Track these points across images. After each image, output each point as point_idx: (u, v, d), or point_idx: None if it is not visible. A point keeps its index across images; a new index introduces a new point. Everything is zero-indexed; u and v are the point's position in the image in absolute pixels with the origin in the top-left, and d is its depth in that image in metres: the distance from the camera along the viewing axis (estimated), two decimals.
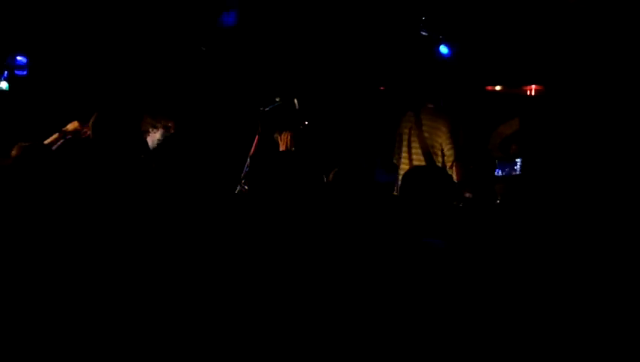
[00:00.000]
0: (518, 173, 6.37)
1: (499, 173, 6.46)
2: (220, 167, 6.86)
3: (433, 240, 3.06)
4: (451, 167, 6.55)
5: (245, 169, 6.33)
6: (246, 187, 6.15)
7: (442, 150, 6.66)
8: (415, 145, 6.75)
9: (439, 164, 6.57)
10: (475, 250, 3.15)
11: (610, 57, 6.74)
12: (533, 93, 7.98)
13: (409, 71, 7.73)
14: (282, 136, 6.13)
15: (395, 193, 6.55)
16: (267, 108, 6.47)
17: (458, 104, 7.30)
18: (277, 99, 6.54)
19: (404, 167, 6.74)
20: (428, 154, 6.65)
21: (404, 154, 6.85)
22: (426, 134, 6.69)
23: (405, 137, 6.86)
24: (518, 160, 6.41)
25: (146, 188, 3.89)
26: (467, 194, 6.64)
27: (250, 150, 6.44)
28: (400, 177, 6.64)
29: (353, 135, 7.91)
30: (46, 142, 5.22)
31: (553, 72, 7.24)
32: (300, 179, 3.24)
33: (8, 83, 7.31)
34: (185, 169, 6.33)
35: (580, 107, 6.98)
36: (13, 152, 4.37)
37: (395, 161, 6.90)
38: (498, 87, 8.17)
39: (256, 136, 6.47)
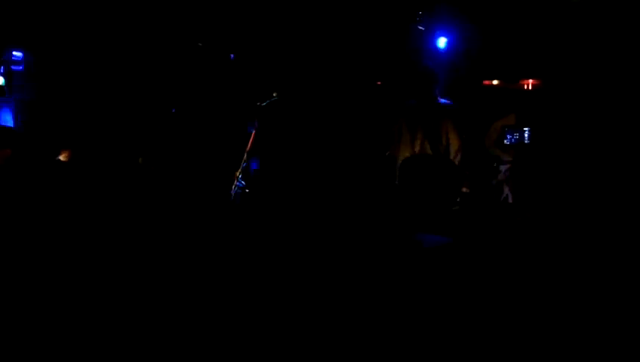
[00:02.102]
0: (527, 141, 6.39)
1: (508, 141, 6.49)
2: (217, 162, 6.86)
3: (434, 237, 3.05)
4: (457, 155, 6.53)
5: (242, 164, 6.33)
6: (243, 182, 6.15)
7: (448, 138, 6.61)
8: (417, 135, 6.68)
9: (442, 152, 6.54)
10: (476, 246, 3.14)
11: (606, 52, 6.74)
12: (530, 88, 7.98)
13: (405, 66, 7.72)
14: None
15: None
16: (264, 104, 6.48)
17: (455, 99, 7.29)
18: (274, 95, 6.54)
19: (405, 155, 6.70)
20: (434, 143, 6.61)
21: (405, 145, 6.77)
22: (430, 125, 6.65)
23: (405, 129, 6.79)
24: (526, 128, 6.43)
25: (144, 186, 3.89)
26: (464, 189, 6.64)
27: (247, 145, 6.44)
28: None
29: (351, 130, 7.90)
30: None
31: (550, 66, 7.25)
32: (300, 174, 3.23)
33: (4, 78, 7.31)
34: (183, 165, 6.32)
35: (577, 102, 6.98)
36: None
37: (392, 153, 6.85)
38: (495, 82, 8.17)
39: (253, 132, 6.48)
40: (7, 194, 3.58)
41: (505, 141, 6.50)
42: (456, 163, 6.42)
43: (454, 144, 6.58)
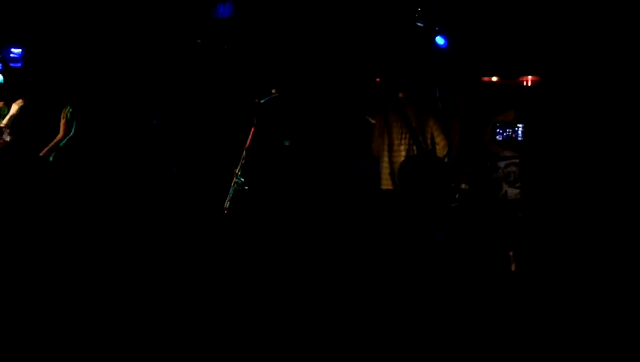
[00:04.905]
0: (520, 138, 6.38)
1: (500, 137, 6.48)
2: (216, 158, 6.85)
3: (434, 234, 3.05)
4: (445, 157, 6.50)
5: (241, 161, 6.33)
6: (242, 179, 6.16)
7: (433, 139, 6.58)
8: (402, 134, 6.63)
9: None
10: (475, 243, 3.14)
11: (606, 49, 6.71)
12: (529, 84, 7.96)
13: (405, 62, 7.70)
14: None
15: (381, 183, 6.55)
16: (263, 101, 6.47)
17: (454, 95, 7.27)
18: (273, 91, 6.54)
19: (386, 154, 6.64)
20: (417, 142, 6.56)
21: (387, 146, 6.70)
22: (414, 123, 6.62)
23: (386, 127, 6.71)
24: (519, 125, 6.43)
25: (144, 181, 3.90)
26: (463, 186, 6.62)
27: (246, 142, 6.44)
28: (384, 166, 6.63)
29: (348, 127, 7.89)
30: None
31: (549, 63, 7.22)
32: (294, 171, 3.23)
33: (3, 75, 7.31)
34: (182, 161, 6.31)
35: (577, 99, 6.95)
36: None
37: (374, 151, 6.79)
38: (494, 78, 8.14)
39: (252, 128, 6.48)
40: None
41: (497, 137, 6.51)
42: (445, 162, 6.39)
43: (440, 144, 6.55)
